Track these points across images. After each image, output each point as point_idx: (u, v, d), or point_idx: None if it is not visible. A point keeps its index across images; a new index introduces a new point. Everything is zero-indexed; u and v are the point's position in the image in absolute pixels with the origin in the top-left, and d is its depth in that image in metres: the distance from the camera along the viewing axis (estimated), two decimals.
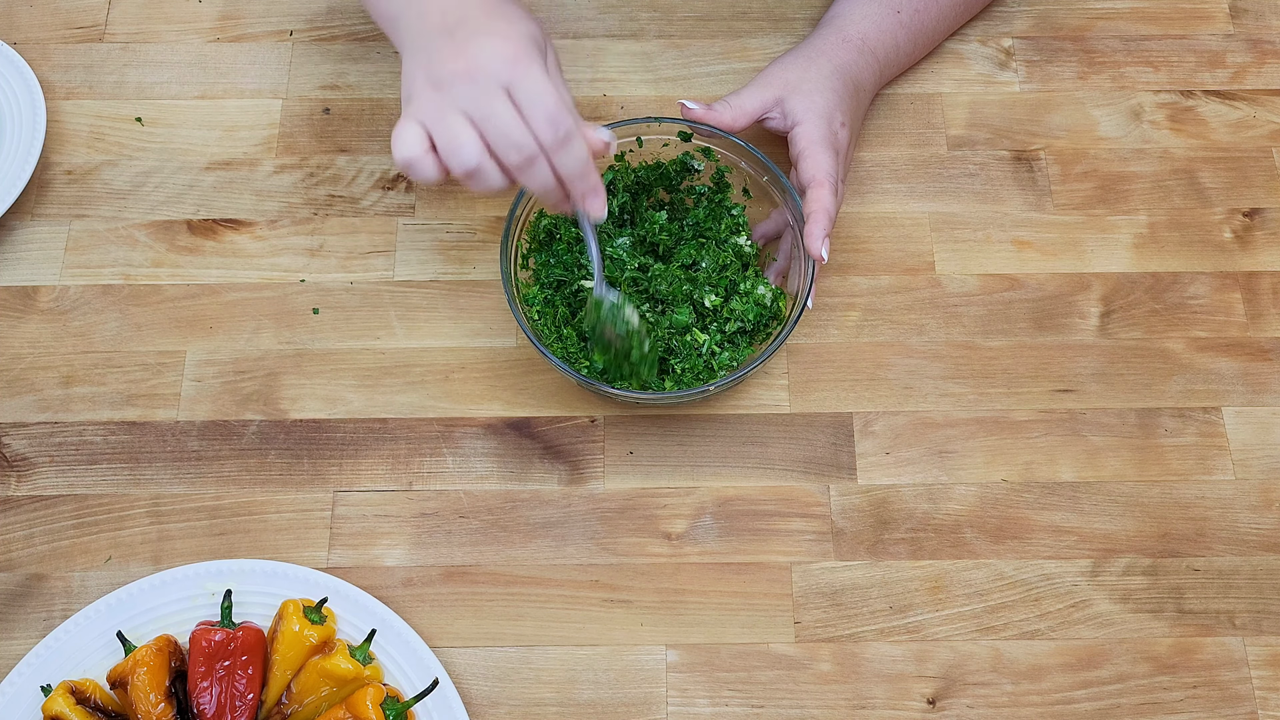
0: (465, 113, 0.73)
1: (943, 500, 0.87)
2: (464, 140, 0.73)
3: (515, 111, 0.73)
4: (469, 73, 0.73)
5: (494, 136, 0.73)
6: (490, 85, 0.73)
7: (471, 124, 0.73)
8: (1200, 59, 1.02)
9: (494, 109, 0.73)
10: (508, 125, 0.73)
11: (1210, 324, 0.92)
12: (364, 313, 0.93)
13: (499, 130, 0.73)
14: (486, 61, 0.73)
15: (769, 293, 0.87)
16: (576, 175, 0.76)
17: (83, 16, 1.05)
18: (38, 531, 0.86)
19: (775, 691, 0.81)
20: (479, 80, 0.73)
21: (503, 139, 0.73)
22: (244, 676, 0.77)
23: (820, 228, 0.84)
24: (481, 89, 0.73)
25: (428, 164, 0.74)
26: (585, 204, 0.78)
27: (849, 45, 0.93)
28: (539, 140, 0.74)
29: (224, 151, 0.99)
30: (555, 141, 0.74)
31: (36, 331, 0.92)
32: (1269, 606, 0.84)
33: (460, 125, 0.73)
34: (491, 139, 0.73)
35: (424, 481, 0.88)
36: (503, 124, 0.73)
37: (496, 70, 0.73)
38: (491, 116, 0.73)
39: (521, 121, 0.73)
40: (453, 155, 0.74)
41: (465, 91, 0.73)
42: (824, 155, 0.86)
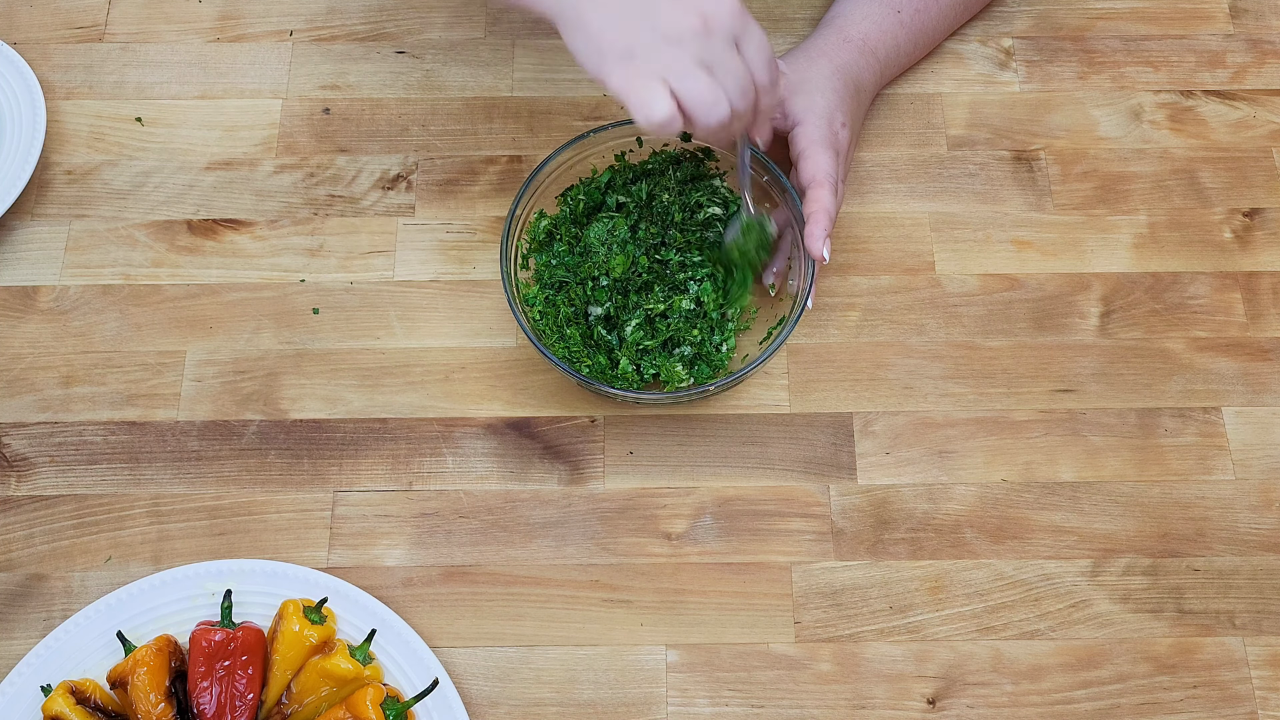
0: (708, 66, 0.75)
1: (943, 500, 0.87)
2: (716, 96, 0.75)
3: (743, 60, 0.76)
4: (706, 28, 0.74)
5: (731, 87, 0.75)
6: (726, 39, 0.75)
7: (714, 78, 0.75)
8: (1200, 59, 1.02)
9: (733, 62, 0.75)
10: (743, 76, 0.76)
11: (1210, 324, 0.92)
12: (364, 313, 0.93)
13: (736, 81, 0.75)
14: (720, 16, 0.74)
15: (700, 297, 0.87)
16: (770, 109, 0.80)
17: (83, 16, 1.05)
18: (38, 531, 0.86)
19: (775, 691, 0.81)
20: (716, 35, 0.74)
21: (740, 89, 0.76)
22: (244, 676, 0.77)
23: (820, 228, 0.84)
24: (719, 42, 0.75)
25: (678, 123, 0.75)
26: (761, 132, 0.82)
27: (850, 45, 0.93)
28: (758, 84, 0.77)
29: (224, 151, 0.99)
30: (769, 83, 0.78)
31: (36, 331, 0.92)
32: (1269, 606, 0.84)
33: (708, 81, 0.74)
34: (729, 89, 0.75)
35: (424, 481, 0.88)
36: (740, 75, 0.75)
37: (729, 24, 0.75)
38: (731, 69, 0.75)
39: (748, 70, 0.76)
40: (708, 111, 0.75)
41: (704, 46, 0.74)
42: (824, 156, 0.86)
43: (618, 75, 0.75)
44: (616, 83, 0.75)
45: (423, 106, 1.01)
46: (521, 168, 0.98)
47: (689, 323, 0.86)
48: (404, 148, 0.99)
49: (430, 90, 1.01)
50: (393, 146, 0.99)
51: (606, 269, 0.86)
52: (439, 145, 0.99)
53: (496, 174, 0.98)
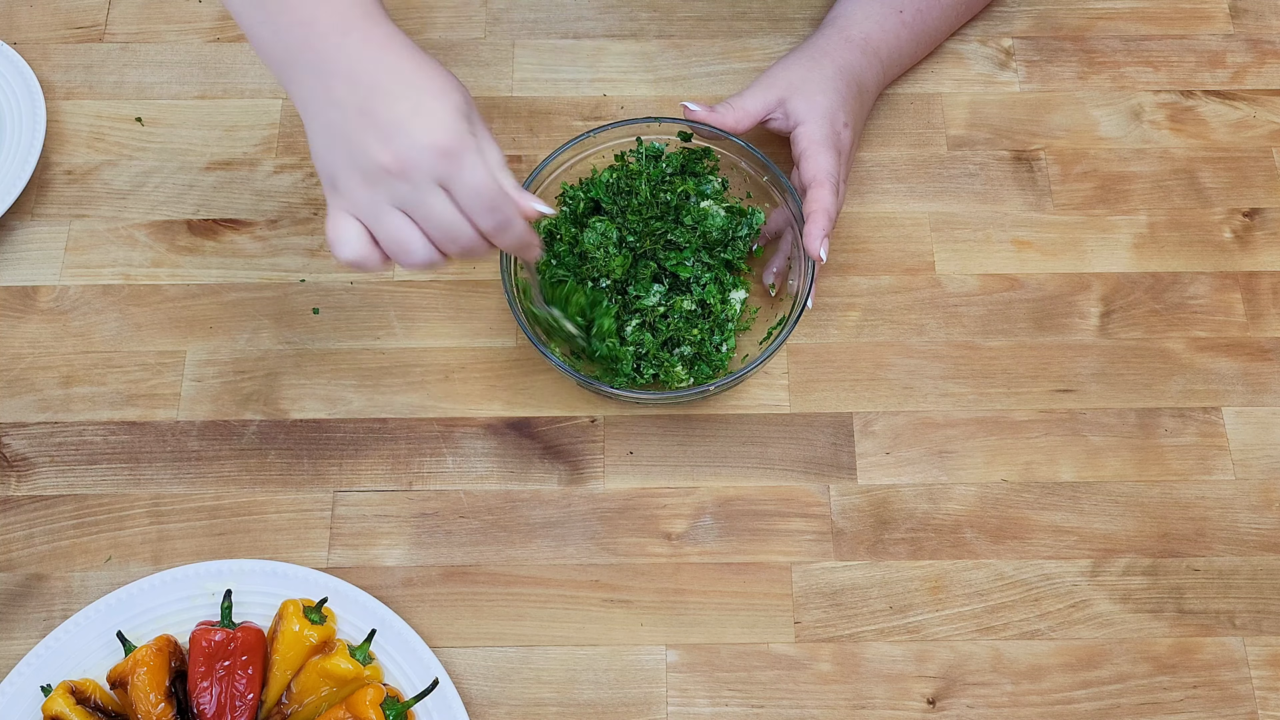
0: (404, 210, 0.71)
1: (943, 500, 0.87)
2: (411, 240, 0.71)
3: (453, 206, 0.71)
4: (401, 170, 0.69)
5: (436, 233, 0.71)
6: (426, 182, 0.69)
7: (412, 221, 0.71)
8: (1200, 59, 1.02)
9: (431, 208, 0.70)
10: (449, 222, 0.71)
11: (1210, 324, 0.92)
12: (364, 313, 0.93)
13: (440, 228, 0.71)
14: (418, 158, 0.69)
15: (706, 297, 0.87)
16: (517, 249, 0.75)
17: (83, 16, 1.05)
18: (38, 531, 0.86)
19: (775, 691, 0.81)
20: (413, 178, 0.69)
21: (444, 235, 0.71)
22: (244, 676, 0.77)
23: (820, 228, 0.84)
24: (417, 187, 0.70)
25: (374, 260, 0.72)
26: (525, 257, 0.78)
27: (852, 46, 0.93)
28: (479, 230, 0.72)
29: (224, 151, 0.99)
30: (496, 228, 0.72)
31: (36, 331, 0.92)
32: (1269, 606, 0.84)
33: (402, 224, 0.71)
34: (434, 236, 0.71)
35: (424, 481, 0.88)
36: (442, 220, 0.71)
37: (430, 166, 0.69)
38: (431, 215, 0.70)
39: (460, 215, 0.71)
40: (402, 255, 0.72)
41: (400, 189, 0.70)
42: (825, 155, 0.86)
43: (328, 200, 0.72)
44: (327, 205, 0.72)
45: None
46: (521, 168, 0.98)
47: (689, 323, 0.86)
48: None
49: None
50: None
51: (606, 270, 0.86)
52: None
53: None
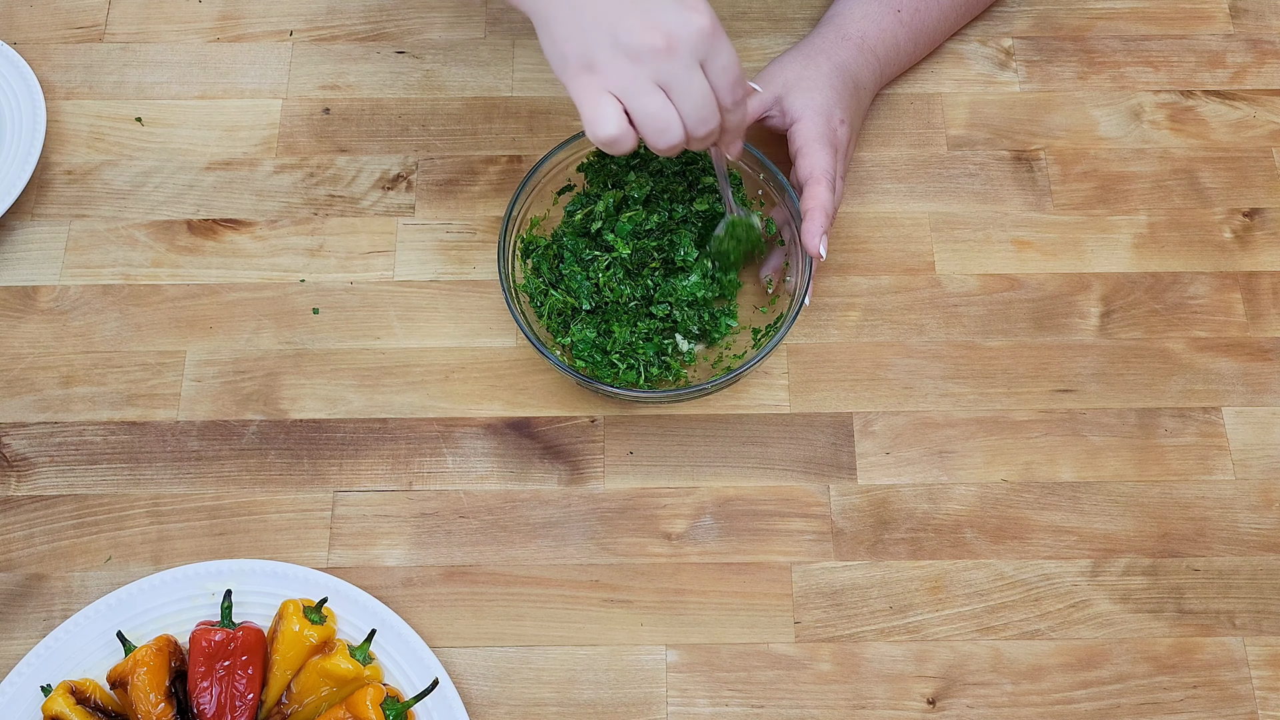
0: (664, 86, 0.73)
1: (943, 500, 0.87)
2: (669, 118, 0.73)
3: (707, 84, 0.74)
4: (669, 47, 0.72)
5: (688, 110, 0.74)
6: (689, 60, 0.73)
7: (669, 99, 0.73)
8: (1200, 59, 1.02)
9: (692, 85, 0.73)
10: (703, 100, 0.74)
11: (1210, 324, 0.92)
12: (364, 313, 0.93)
13: (695, 105, 0.74)
14: (686, 36, 0.72)
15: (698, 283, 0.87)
16: (736, 128, 0.78)
17: (83, 16, 1.05)
18: (38, 531, 0.86)
19: (775, 691, 0.81)
20: (679, 55, 0.72)
21: (696, 112, 0.74)
22: (244, 676, 0.77)
23: (818, 225, 0.84)
24: (681, 64, 0.72)
25: (628, 141, 0.74)
26: (730, 147, 0.80)
27: (848, 43, 0.93)
28: (721, 105, 0.75)
29: (224, 151, 0.99)
30: (734, 103, 0.76)
31: (36, 331, 0.92)
32: (1269, 606, 0.84)
33: (662, 102, 0.73)
34: (686, 112, 0.74)
35: (424, 481, 0.88)
36: (699, 98, 0.73)
37: (695, 45, 0.72)
38: (689, 92, 0.73)
39: (711, 92, 0.74)
40: (658, 133, 0.74)
41: (664, 66, 0.72)
42: (822, 152, 0.86)
43: (575, 85, 0.74)
44: (573, 92, 0.74)
45: (423, 106, 1.01)
46: (521, 168, 0.98)
47: (694, 310, 0.86)
48: (404, 148, 0.99)
49: (430, 90, 1.01)
50: (393, 146, 0.99)
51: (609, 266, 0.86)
52: (439, 145, 0.99)
53: (496, 174, 0.98)
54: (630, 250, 0.85)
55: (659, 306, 0.86)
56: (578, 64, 0.74)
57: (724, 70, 0.74)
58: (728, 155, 0.81)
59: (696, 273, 0.86)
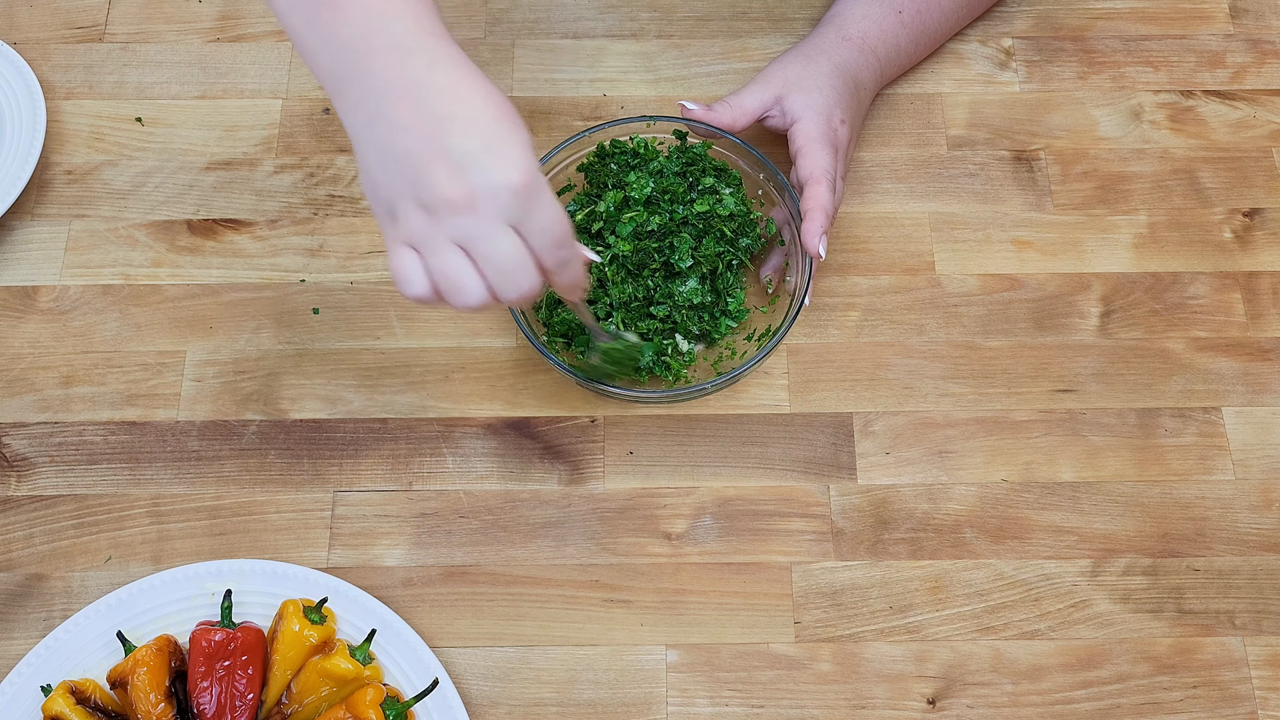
0: (463, 246, 0.66)
1: (943, 500, 0.87)
2: (465, 280, 0.67)
3: (520, 246, 0.67)
4: (471, 205, 0.65)
5: (495, 275, 0.67)
6: (496, 220, 0.66)
7: (470, 260, 0.67)
8: (1200, 59, 1.02)
9: (498, 247, 0.66)
10: (510, 263, 0.66)
11: (1210, 324, 0.92)
12: (364, 313, 0.93)
13: (498, 268, 0.67)
14: (493, 195, 0.65)
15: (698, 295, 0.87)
16: (570, 289, 0.73)
17: (83, 16, 1.05)
18: (38, 531, 0.86)
19: (775, 691, 0.81)
20: (481, 214, 0.65)
21: (500, 276, 0.67)
22: (244, 676, 0.77)
23: (817, 225, 0.84)
24: (484, 224, 0.66)
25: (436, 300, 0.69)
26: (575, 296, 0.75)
27: (849, 43, 0.93)
28: (543, 266, 0.68)
29: (224, 151, 0.99)
30: (558, 264, 0.69)
31: (36, 331, 0.92)
32: (1269, 606, 0.84)
33: (458, 263, 0.66)
34: (491, 277, 0.67)
35: (424, 481, 0.88)
36: (504, 261, 0.66)
37: (503, 205, 0.65)
38: (492, 255, 0.66)
39: (527, 256, 0.67)
40: (453, 295, 0.67)
41: (463, 224, 0.65)
42: (822, 152, 0.86)
43: (383, 227, 0.68)
44: (384, 233, 0.68)
45: None
46: None
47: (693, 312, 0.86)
48: None
49: None
50: None
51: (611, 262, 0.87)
52: None
53: None
54: (631, 248, 0.85)
55: (659, 308, 0.86)
56: (382, 209, 0.68)
57: (543, 232, 0.67)
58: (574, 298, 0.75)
59: (693, 278, 0.86)
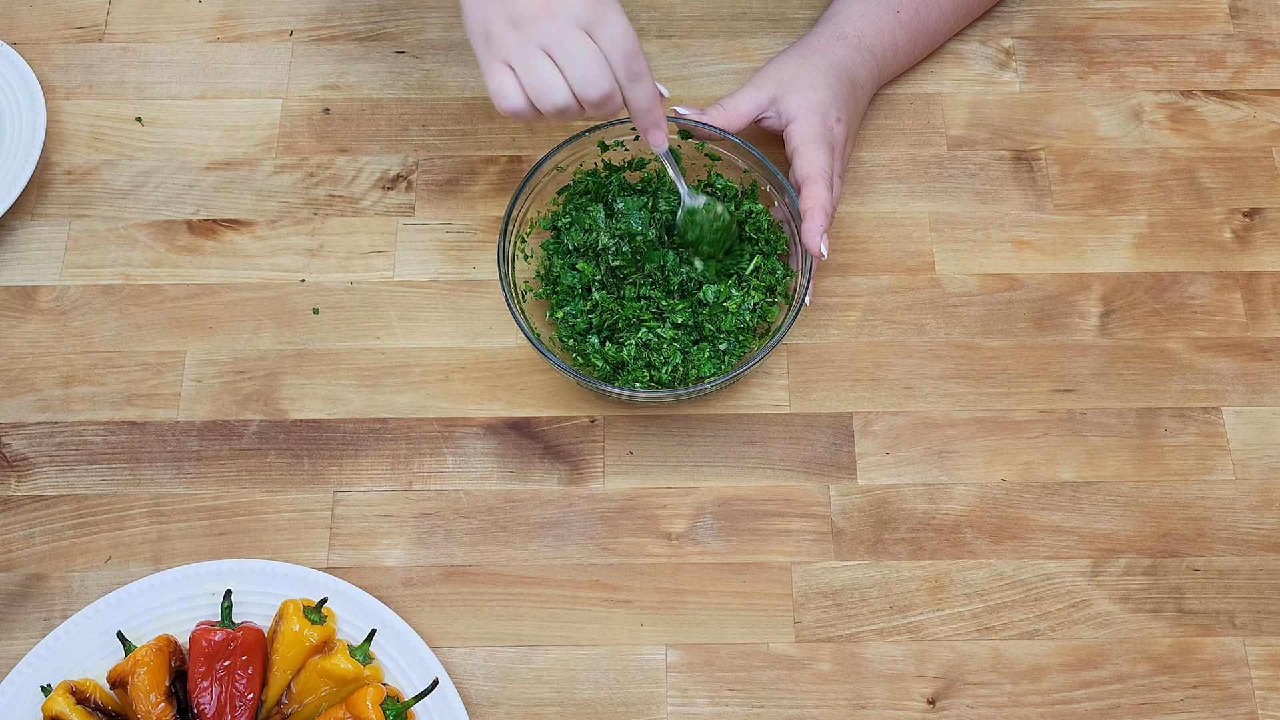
0: (547, 51, 0.75)
1: (943, 500, 0.87)
2: (551, 82, 0.75)
3: (595, 49, 0.75)
4: (549, 12, 0.74)
5: (574, 74, 0.75)
6: (570, 24, 0.75)
7: (554, 63, 0.75)
8: (1200, 59, 1.02)
9: (575, 48, 0.75)
10: (589, 63, 0.75)
11: (1210, 324, 0.92)
12: (364, 313, 0.93)
13: (578, 67, 0.75)
14: (567, 3, 0.75)
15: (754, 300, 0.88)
16: (644, 109, 0.79)
17: (83, 16, 1.05)
18: (38, 531, 0.86)
19: (775, 691, 0.81)
20: (558, 18, 0.75)
21: (580, 74, 0.75)
22: (244, 676, 0.77)
23: (817, 224, 0.84)
24: (561, 27, 0.75)
25: (530, 112, 0.77)
26: (648, 135, 0.81)
27: (845, 42, 0.93)
28: (616, 76, 0.76)
29: (224, 151, 0.99)
30: (629, 77, 0.77)
31: (36, 331, 0.92)
32: (1269, 606, 0.84)
33: (545, 65, 0.75)
34: (571, 76, 0.75)
35: (424, 481, 0.88)
36: (582, 61, 0.75)
37: (575, 10, 0.75)
38: (573, 55, 0.75)
39: (602, 58, 0.75)
40: (542, 96, 0.76)
41: (547, 30, 0.75)
42: (818, 152, 0.86)
43: (479, 57, 0.77)
44: (481, 65, 0.77)
45: (423, 106, 1.01)
46: (521, 168, 0.98)
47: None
48: (404, 148, 0.99)
49: (430, 90, 1.02)
50: (393, 146, 0.99)
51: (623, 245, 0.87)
52: (439, 145, 0.99)
53: (496, 174, 0.98)
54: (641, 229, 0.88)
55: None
56: (479, 37, 0.77)
57: (614, 41, 0.75)
58: (651, 144, 0.82)
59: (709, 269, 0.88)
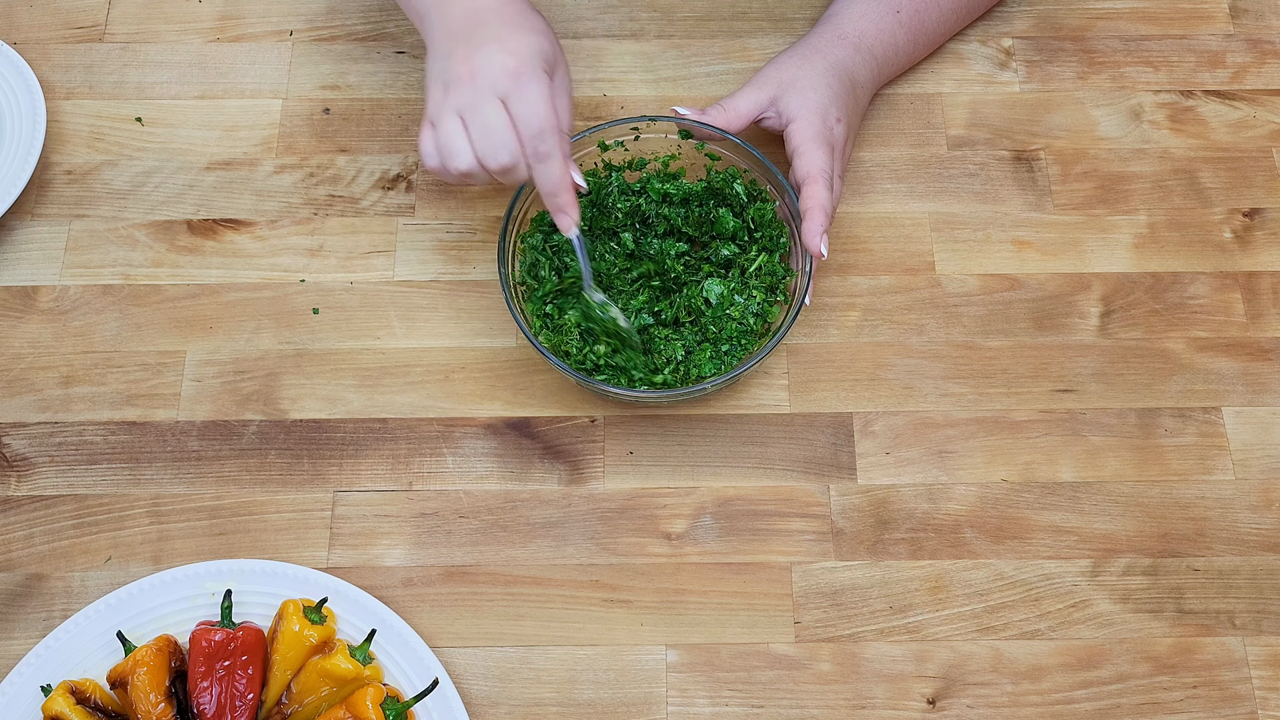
0: (462, 116, 0.79)
1: (943, 500, 0.87)
2: (457, 144, 0.79)
3: (506, 119, 0.78)
4: (471, 78, 0.79)
5: (478, 139, 0.79)
6: (486, 92, 0.78)
7: (463, 126, 0.79)
8: (1200, 59, 1.02)
9: (483, 115, 0.78)
10: (493, 130, 0.78)
11: (1210, 324, 0.92)
12: (364, 313, 0.93)
13: (483, 133, 0.79)
14: (488, 70, 0.78)
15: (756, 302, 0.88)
16: (548, 191, 0.81)
17: (83, 16, 1.05)
18: (38, 531, 0.86)
19: (775, 691, 0.81)
20: (479, 86, 0.78)
21: (485, 142, 0.79)
22: (244, 676, 0.77)
23: (818, 224, 0.84)
24: (479, 94, 0.78)
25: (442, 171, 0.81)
26: (555, 219, 0.82)
27: (845, 42, 0.93)
28: (523, 149, 0.79)
29: (224, 151, 0.99)
30: (535, 156, 0.79)
31: (36, 331, 0.92)
32: (1269, 606, 0.84)
33: (455, 127, 0.79)
34: (476, 143, 0.79)
35: (424, 481, 0.88)
36: (488, 128, 0.78)
37: (495, 79, 0.78)
38: (478, 122, 0.78)
39: (510, 129, 0.78)
40: (449, 158, 0.80)
41: (464, 95, 0.79)
42: (818, 151, 0.86)
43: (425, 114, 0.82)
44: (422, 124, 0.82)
45: (422, 106, 1.01)
46: None
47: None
48: (404, 148, 0.99)
49: None
50: (393, 146, 0.99)
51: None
52: None
53: None
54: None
55: None
56: (428, 86, 0.82)
57: (524, 117, 0.78)
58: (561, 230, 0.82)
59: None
